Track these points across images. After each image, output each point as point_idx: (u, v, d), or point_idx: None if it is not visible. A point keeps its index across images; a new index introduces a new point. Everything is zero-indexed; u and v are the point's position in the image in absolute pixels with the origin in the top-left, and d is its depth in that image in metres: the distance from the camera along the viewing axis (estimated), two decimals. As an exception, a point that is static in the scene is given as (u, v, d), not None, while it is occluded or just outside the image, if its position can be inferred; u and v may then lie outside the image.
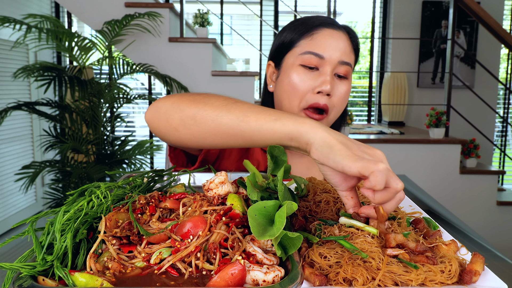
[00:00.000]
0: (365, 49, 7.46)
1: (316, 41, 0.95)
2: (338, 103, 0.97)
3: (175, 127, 0.74)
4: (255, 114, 0.66)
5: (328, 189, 0.77)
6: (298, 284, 0.46)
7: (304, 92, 0.95)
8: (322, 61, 0.94)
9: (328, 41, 0.94)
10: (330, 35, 0.95)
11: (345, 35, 0.98)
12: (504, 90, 5.16)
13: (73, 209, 0.57)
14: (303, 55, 0.95)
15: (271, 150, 0.75)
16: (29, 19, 2.97)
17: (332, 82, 0.94)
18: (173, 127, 0.74)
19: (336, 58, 0.94)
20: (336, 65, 0.95)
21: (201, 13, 3.38)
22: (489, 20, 3.18)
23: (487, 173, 3.40)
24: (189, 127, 0.72)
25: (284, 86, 0.98)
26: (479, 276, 0.52)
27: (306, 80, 0.95)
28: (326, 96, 0.95)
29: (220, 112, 0.68)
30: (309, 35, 0.96)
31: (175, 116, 0.73)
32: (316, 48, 0.94)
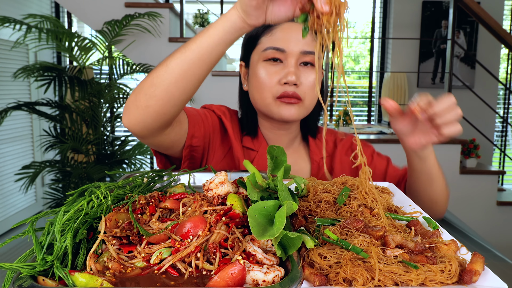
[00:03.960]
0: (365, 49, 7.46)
1: (275, 36, 0.97)
2: (309, 90, 0.99)
3: (145, 104, 0.76)
4: (192, 40, 0.73)
5: (328, 189, 0.77)
6: (298, 284, 0.46)
7: (272, 85, 0.97)
8: (284, 54, 0.97)
9: (288, 34, 0.97)
10: (289, 28, 0.97)
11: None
12: (504, 90, 5.15)
13: (73, 209, 0.57)
14: (265, 51, 0.98)
15: (270, 150, 0.75)
16: (29, 19, 2.97)
17: (297, 72, 0.96)
18: (143, 106, 0.76)
19: (298, 50, 0.96)
20: (299, 56, 0.97)
21: (201, 13, 3.38)
22: (489, 20, 3.18)
23: (487, 173, 3.40)
24: (153, 94, 0.75)
25: (254, 83, 1.01)
26: (479, 276, 0.52)
27: (272, 74, 0.97)
28: (293, 86, 0.97)
29: (166, 62, 0.74)
30: (269, 31, 0.99)
31: (140, 97, 0.76)
32: (277, 42, 0.97)
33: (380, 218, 0.67)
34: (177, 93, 0.75)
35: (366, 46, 7.30)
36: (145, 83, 0.76)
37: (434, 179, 0.92)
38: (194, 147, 0.98)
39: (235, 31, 0.71)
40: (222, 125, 1.07)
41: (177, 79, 0.74)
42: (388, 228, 0.63)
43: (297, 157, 1.11)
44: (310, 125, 1.11)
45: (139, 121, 0.79)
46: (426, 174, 0.91)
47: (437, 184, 0.93)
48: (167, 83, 0.74)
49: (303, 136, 1.14)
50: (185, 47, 0.73)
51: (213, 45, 0.72)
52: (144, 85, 0.76)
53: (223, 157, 1.05)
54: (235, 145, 1.05)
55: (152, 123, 0.79)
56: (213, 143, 1.04)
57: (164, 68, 0.74)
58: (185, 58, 0.72)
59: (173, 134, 0.90)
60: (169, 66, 0.73)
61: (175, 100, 0.76)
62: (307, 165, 1.10)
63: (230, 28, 0.70)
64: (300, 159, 1.10)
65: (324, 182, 0.81)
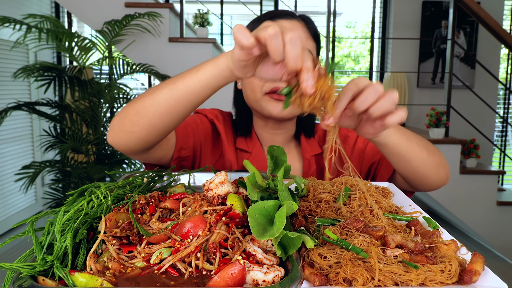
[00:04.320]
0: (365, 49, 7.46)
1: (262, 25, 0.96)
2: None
3: (129, 130, 0.77)
4: (180, 78, 0.72)
5: (328, 189, 0.77)
6: (298, 284, 0.46)
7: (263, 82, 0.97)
8: None
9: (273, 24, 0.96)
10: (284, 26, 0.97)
11: (300, 23, 0.99)
12: (504, 90, 5.15)
13: (73, 209, 0.57)
14: None
15: (270, 150, 0.75)
16: (29, 19, 2.97)
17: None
18: (127, 131, 0.77)
19: None
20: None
21: (201, 13, 3.37)
22: (489, 20, 3.18)
23: (487, 173, 3.40)
24: (138, 122, 0.75)
25: (246, 82, 1.01)
26: (479, 276, 0.52)
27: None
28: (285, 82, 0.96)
29: (153, 94, 0.73)
30: None
31: (125, 122, 0.77)
32: None
33: (380, 218, 0.67)
34: (161, 126, 0.76)
35: (366, 46, 7.30)
36: (131, 109, 0.76)
37: (408, 155, 0.83)
38: (183, 157, 0.99)
39: (223, 78, 0.70)
40: (214, 128, 1.07)
41: (162, 114, 0.74)
42: (388, 228, 0.63)
43: (288, 156, 1.11)
44: (306, 125, 1.11)
45: (123, 144, 0.80)
46: (397, 155, 0.83)
47: (415, 159, 0.84)
48: (152, 115, 0.74)
49: (295, 134, 1.14)
50: (173, 83, 0.72)
51: (200, 88, 0.71)
52: (130, 111, 0.76)
53: (215, 163, 1.06)
54: (227, 148, 1.05)
55: (135, 146, 0.81)
56: (204, 150, 1.04)
57: (150, 99, 0.74)
58: (172, 96, 0.72)
59: (159, 151, 0.91)
60: (155, 99, 0.73)
61: (159, 131, 0.77)
62: (298, 164, 1.10)
63: (218, 75, 0.69)
64: (291, 157, 1.11)
65: (324, 182, 0.81)
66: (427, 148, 0.87)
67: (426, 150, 0.87)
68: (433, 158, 0.88)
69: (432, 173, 0.89)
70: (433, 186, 0.94)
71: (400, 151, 0.82)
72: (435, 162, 0.89)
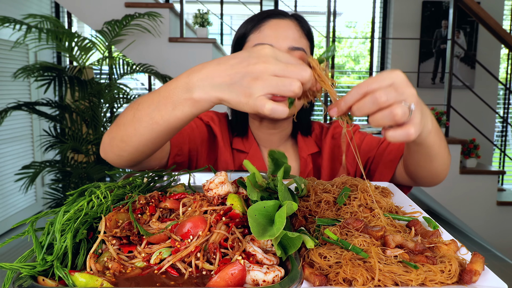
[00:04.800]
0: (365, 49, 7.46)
1: (263, 33, 0.97)
2: None
3: (117, 154, 0.78)
4: (157, 113, 0.67)
5: (328, 189, 0.77)
6: (298, 284, 0.46)
7: None
8: None
9: (275, 31, 0.97)
10: (277, 25, 0.98)
11: (293, 22, 1.00)
12: (504, 90, 5.15)
13: (73, 209, 0.57)
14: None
15: (271, 154, 0.75)
16: (29, 19, 2.97)
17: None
18: (116, 154, 0.79)
19: (286, 46, 0.96)
20: (287, 52, 0.96)
21: (201, 13, 3.37)
22: (489, 20, 3.18)
23: (487, 173, 3.40)
24: (124, 149, 0.76)
25: None
26: (479, 276, 0.52)
27: None
28: None
29: (134, 125, 0.71)
30: (257, 29, 0.99)
31: (113, 145, 0.78)
32: (264, 39, 0.96)
33: (379, 218, 0.67)
34: (147, 151, 0.76)
35: (366, 46, 7.30)
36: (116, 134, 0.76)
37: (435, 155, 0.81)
38: (178, 163, 0.99)
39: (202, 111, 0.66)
40: (210, 131, 1.07)
41: (146, 143, 0.73)
42: (388, 228, 0.63)
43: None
44: (302, 123, 1.11)
45: (114, 162, 0.81)
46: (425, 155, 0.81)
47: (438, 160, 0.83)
48: (137, 144, 0.74)
49: (292, 133, 1.14)
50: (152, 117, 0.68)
51: (182, 123, 0.69)
52: (116, 137, 0.76)
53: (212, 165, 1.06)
54: (223, 150, 1.05)
55: (126, 164, 0.82)
56: (201, 154, 1.04)
57: (132, 130, 0.72)
58: (153, 130, 0.70)
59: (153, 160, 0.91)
60: (137, 131, 0.71)
61: (147, 154, 0.78)
62: (295, 163, 1.10)
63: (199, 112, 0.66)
64: (288, 156, 1.10)
65: (324, 182, 0.82)
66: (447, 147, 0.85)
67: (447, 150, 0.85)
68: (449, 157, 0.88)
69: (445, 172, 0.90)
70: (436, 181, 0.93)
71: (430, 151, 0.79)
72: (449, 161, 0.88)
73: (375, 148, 1.07)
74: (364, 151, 1.08)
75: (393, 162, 1.02)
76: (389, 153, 1.04)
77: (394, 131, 0.60)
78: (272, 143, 1.09)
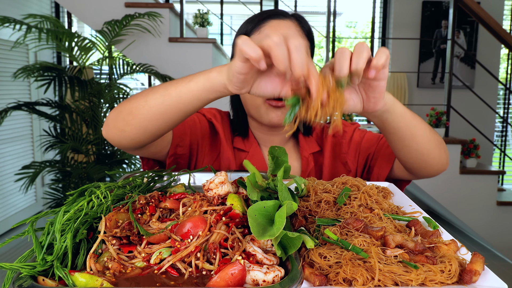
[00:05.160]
0: (365, 49, 7.45)
1: (263, 33, 0.97)
2: None
3: (121, 128, 0.79)
4: (173, 85, 0.72)
5: (328, 189, 0.77)
6: (298, 284, 0.46)
7: None
8: None
9: (275, 31, 0.96)
10: (277, 25, 0.97)
11: (293, 22, 0.99)
12: (504, 90, 5.15)
13: (73, 209, 0.57)
14: None
15: (271, 151, 0.75)
16: (29, 19, 2.97)
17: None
18: (120, 129, 0.79)
19: None
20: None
21: (201, 13, 3.37)
22: (489, 20, 3.18)
23: (487, 173, 3.40)
24: (130, 122, 0.77)
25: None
26: (479, 276, 0.52)
27: None
28: None
29: (147, 97, 0.75)
30: (257, 29, 0.98)
31: (119, 119, 0.79)
32: None
33: (381, 218, 0.67)
34: (151, 129, 0.77)
35: (366, 46, 7.29)
36: (125, 107, 0.78)
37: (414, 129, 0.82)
38: (179, 155, 0.99)
39: (214, 92, 0.70)
40: (212, 128, 1.07)
41: (153, 118, 0.75)
42: (388, 228, 0.63)
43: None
44: (304, 123, 1.11)
45: (116, 140, 0.82)
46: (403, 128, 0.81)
47: (419, 134, 0.83)
48: (143, 118, 0.75)
49: (293, 134, 1.14)
50: (166, 89, 0.73)
51: (191, 98, 0.71)
52: (124, 110, 0.78)
53: (213, 162, 1.06)
54: (225, 147, 1.05)
55: (128, 144, 0.82)
56: (202, 149, 1.04)
57: (143, 101, 0.75)
58: (164, 102, 0.73)
59: (154, 147, 0.91)
60: (148, 103, 0.74)
61: (150, 133, 0.78)
62: (296, 162, 1.10)
63: (210, 89, 0.70)
64: (289, 156, 1.10)
65: (324, 182, 0.82)
66: (428, 126, 0.86)
67: (428, 127, 0.86)
68: (435, 136, 0.87)
69: (435, 153, 0.88)
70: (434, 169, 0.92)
71: (406, 123, 0.80)
72: (437, 141, 0.88)
73: (375, 144, 1.07)
74: (365, 148, 1.08)
75: (391, 155, 1.03)
76: (387, 147, 1.04)
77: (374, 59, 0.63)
78: (273, 143, 1.09)
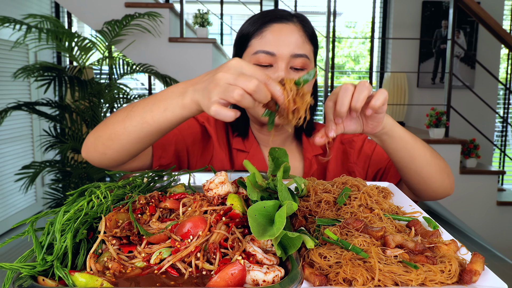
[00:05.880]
0: (365, 49, 7.46)
1: (265, 39, 0.95)
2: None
3: (102, 152, 0.81)
4: (148, 112, 0.73)
5: (328, 189, 0.77)
6: (298, 284, 0.46)
7: None
8: (274, 58, 0.95)
9: (277, 36, 0.95)
10: (279, 30, 0.96)
11: (297, 26, 0.97)
12: (504, 90, 5.15)
13: (73, 209, 0.57)
14: (255, 54, 0.96)
15: (272, 152, 0.75)
16: (29, 19, 2.97)
17: (288, 76, 0.95)
18: (101, 152, 0.81)
19: (288, 53, 0.94)
20: (290, 59, 0.95)
21: (201, 13, 3.37)
22: (489, 20, 3.18)
23: (487, 173, 3.40)
24: (110, 146, 0.79)
25: None
26: (479, 276, 0.52)
27: None
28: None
29: (125, 124, 0.76)
30: (259, 33, 0.97)
31: (98, 143, 0.81)
32: (266, 46, 0.95)
33: (381, 218, 0.67)
34: (133, 151, 0.80)
35: (366, 46, 7.30)
36: (104, 132, 0.80)
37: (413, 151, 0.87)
38: (164, 165, 0.99)
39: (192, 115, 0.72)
40: (205, 131, 1.07)
41: (133, 142, 0.77)
42: (388, 228, 0.63)
43: (289, 156, 1.11)
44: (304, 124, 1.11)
45: (96, 161, 0.84)
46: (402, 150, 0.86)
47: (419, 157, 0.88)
48: (124, 142, 0.77)
49: (296, 134, 1.13)
50: (143, 117, 0.73)
51: (170, 124, 0.73)
52: (103, 135, 0.80)
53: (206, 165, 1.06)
54: (218, 150, 1.05)
55: (109, 164, 0.85)
56: (193, 154, 1.04)
57: (122, 128, 0.76)
58: (143, 129, 0.74)
59: (135, 163, 0.92)
60: (126, 129, 0.76)
61: (131, 154, 0.81)
62: (299, 164, 1.10)
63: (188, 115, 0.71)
64: (292, 157, 1.10)
65: (324, 182, 0.82)
66: (430, 150, 0.90)
67: (429, 151, 0.90)
68: (436, 161, 0.91)
69: (436, 177, 0.91)
70: (436, 193, 0.95)
71: (405, 145, 0.86)
72: (439, 166, 0.91)
73: (386, 160, 1.08)
74: (375, 161, 1.08)
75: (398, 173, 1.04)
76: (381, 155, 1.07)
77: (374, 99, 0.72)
78: (275, 144, 1.09)
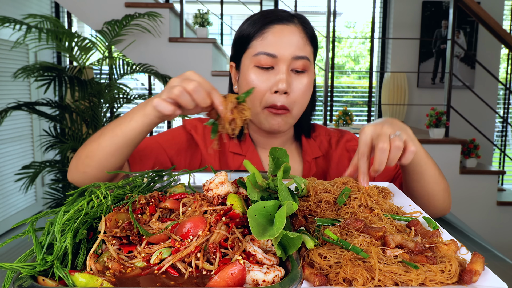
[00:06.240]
0: (365, 49, 7.46)
1: (267, 40, 0.95)
2: (299, 98, 0.98)
3: (82, 171, 0.88)
4: (118, 125, 0.83)
5: (328, 189, 0.77)
6: (298, 284, 0.46)
7: (262, 93, 0.96)
8: (276, 60, 0.94)
9: (279, 38, 0.95)
10: (281, 32, 0.95)
11: (298, 28, 0.97)
12: (504, 90, 5.15)
13: (73, 209, 0.57)
14: (256, 56, 0.96)
15: (272, 152, 0.75)
16: (29, 19, 2.97)
17: (289, 79, 0.95)
18: (81, 172, 0.88)
19: (289, 55, 0.94)
20: (291, 61, 0.95)
21: (201, 13, 3.37)
22: (489, 20, 3.18)
23: (487, 173, 3.40)
24: (88, 164, 0.86)
25: (243, 88, 0.99)
26: (479, 276, 0.52)
27: (262, 81, 0.96)
28: (284, 95, 0.95)
29: (99, 140, 0.85)
30: (260, 35, 0.96)
31: (79, 164, 0.88)
32: (267, 47, 0.94)
33: (381, 218, 0.67)
34: (108, 165, 0.85)
35: (366, 46, 7.30)
36: (82, 152, 0.88)
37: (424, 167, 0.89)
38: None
39: (153, 124, 0.81)
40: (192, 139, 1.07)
41: (107, 156, 0.84)
42: (388, 228, 0.63)
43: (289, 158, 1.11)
44: (303, 125, 1.10)
45: (80, 182, 0.89)
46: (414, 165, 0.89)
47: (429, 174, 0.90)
48: (99, 158, 0.84)
49: (296, 136, 1.13)
50: (113, 131, 0.83)
51: (135, 134, 0.82)
52: (82, 155, 0.87)
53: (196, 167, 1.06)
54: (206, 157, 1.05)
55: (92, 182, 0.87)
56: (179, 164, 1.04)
57: (96, 144, 0.84)
58: (113, 142, 0.82)
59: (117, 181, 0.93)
60: (100, 145, 0.84)
61: (108, 169, 0.86)
62: (298, 166, 1.09)
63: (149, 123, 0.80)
64: (291, 159, 1.09)
65: (324, 182, 0.82)
66: (438, 169, 0.93)
67: (438, 169, 0.93)
68: (443, 180, 0.95)
69: (439, 195, 0.95)
70: (437, 210, 0.97)
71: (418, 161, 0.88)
72: (444, 185, 0.95)
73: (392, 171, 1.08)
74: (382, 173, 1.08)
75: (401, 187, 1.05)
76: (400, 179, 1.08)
77: (404, 158, 0.79)
78: (273, 146, 1.09)
